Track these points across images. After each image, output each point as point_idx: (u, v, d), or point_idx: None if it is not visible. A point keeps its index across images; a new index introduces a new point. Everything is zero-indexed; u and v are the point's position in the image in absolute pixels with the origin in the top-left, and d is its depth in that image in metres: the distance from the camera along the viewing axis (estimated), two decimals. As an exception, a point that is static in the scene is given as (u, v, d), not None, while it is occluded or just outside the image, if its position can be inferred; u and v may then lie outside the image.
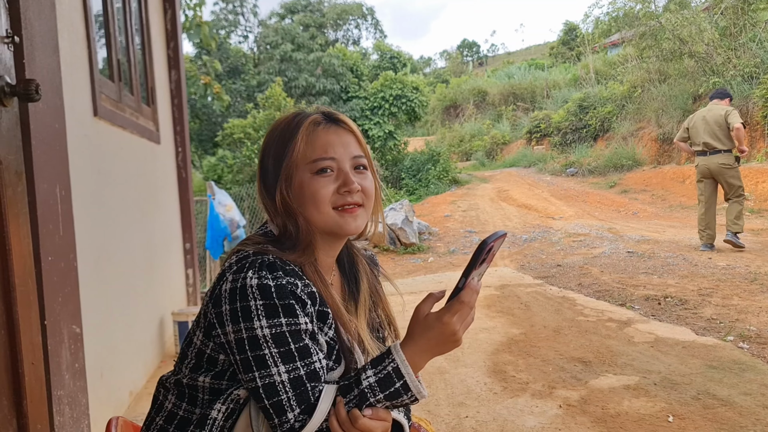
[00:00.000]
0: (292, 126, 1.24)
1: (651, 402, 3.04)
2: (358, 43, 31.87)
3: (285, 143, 1.23)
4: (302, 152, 1.21)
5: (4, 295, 1.58)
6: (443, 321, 1.12)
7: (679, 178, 14.06)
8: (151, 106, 4.29)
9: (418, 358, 1.13)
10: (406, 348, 1.13)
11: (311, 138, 1.22)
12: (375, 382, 1.11)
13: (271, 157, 1.25)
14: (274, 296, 1.09)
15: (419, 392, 1.12)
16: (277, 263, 1.13)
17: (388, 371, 1.11)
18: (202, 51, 20.86)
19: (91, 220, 2.71)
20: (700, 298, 5.14)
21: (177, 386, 1.23)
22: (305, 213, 1.21)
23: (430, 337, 1.13)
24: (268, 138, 1.27)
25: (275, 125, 1.27)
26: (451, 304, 1.13)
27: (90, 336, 2.44)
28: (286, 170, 1.22)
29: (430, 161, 19.00)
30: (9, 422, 1.58)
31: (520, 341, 4.23)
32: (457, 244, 9.92)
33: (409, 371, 1.11)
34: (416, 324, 1.15)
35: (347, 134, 1.26)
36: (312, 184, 1.20)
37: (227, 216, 6.58)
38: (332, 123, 1.26)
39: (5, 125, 1.64)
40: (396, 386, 1.11)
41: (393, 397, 1.11)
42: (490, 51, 62.18)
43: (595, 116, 19.68)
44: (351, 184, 1.21)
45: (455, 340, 1.13)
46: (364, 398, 1.10)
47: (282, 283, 1.10)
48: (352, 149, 1.25)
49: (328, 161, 1.21)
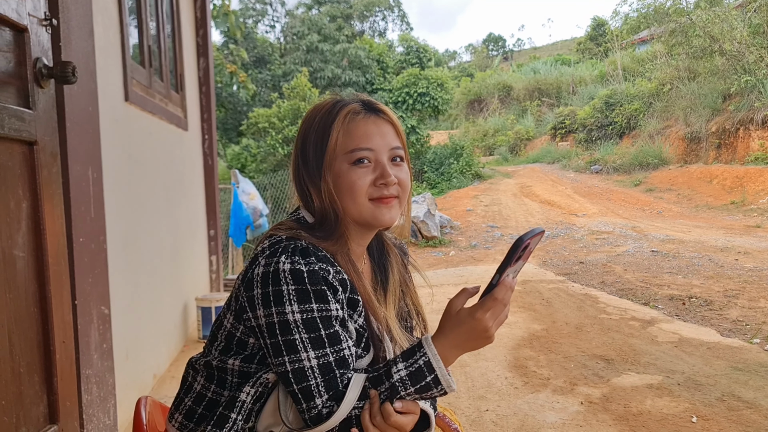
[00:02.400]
0: (332, 114, 1.22)
1: (674, 402, 3.01)
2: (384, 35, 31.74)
3: (323, 131, 1.21)
4: (340, 142, 1.20)
5: (37, 273, 1.61)
6: (476, 317, 1.11)
7: (706, 177, 13.86)
8: (180, 92, 4.32)
9: (448, 353, 1.12)
10: (437, 342, 1.13)
11: (350, 127, 1.21)
12: (406, 376, 1.10)
13: (309, 144, 1.23)
14: (307, 282, 1.09)
15: (449, 386, 1.11)
16: (309, 249, 1.13)
17: (419, 365, 1.10)
18: (229, 40, 20.95)
19: (120, 204, 2.75)
20: (725, 300, 5.06)
21: (206, 368, 1.24)
22: (341, 203, 1.20)
23: (461, 332, 1.12)
24: (306, 124, 1.26)
25: (313, 112, 1.26)
26: (484, 301, 1.11)
27: (117, 318, 2.47)
28: (324, 159, 1.21)
29: (453, 155, 18.92)
30: (40, 398, 1.61)
31: (541, 337, 4.21)
32: (478, 238, 9.89)
33: (440, 365, 1.10)
34: (448, 318, 1.14)
35: (386, 124, 1.24)
36: (349, 174, 1.19)
37: (250, 204, 6.63)
38: (371, 112, 1.24)
39: (42, 107, 1.66)
40: (427, 380, 1.10)
41: (423, 390, 1.11)
42: (516, 46, 61.62)
43: (622, 113, 19.43)
44: (388, 176, 1.20)
45: (487, 336, 1.12)
46: (395, 391, 1.10)
47: (314, 269, 1.10)
48: (390, 140, 1.23)
49: (365, 152, 1.20)
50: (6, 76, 1.51)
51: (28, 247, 1.57)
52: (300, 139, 1.26)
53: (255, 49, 22.96)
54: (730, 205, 11.94)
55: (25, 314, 1.55)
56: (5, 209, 1.46)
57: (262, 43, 23.80)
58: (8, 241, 1.47)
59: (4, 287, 1.43)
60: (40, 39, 1.66)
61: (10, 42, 1.54)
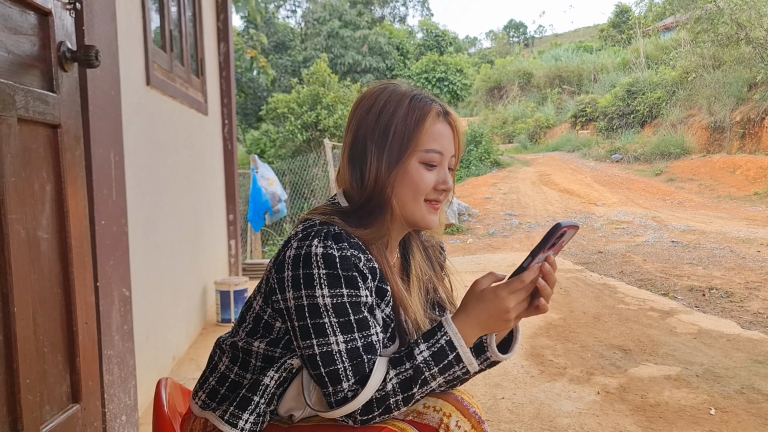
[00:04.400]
0: (424, 111, 1.21)
1: (693, 393, 2.99)
2: (405, 21, 31.58)
3: (416, 125, 1.20)
4: (421, 138, 1.20)
5: (61, 255, 1.63)
6: (498, 295, 1.12)
7: (729, 168, 13.65)
8: (200, 77, 4.33)
9: (468, 331, 1.13)
10: (457, 320, 1.14)
11: (435, 128, 1.22)
12: (429, 356, 1.11)
13: (391, 132, 1.20)
14: (338, 266, 1.10)
15: (471, 363, 1.13)
16: (342, 234, 1.14)
17: (441, 344, 1.12)
18: (249, 25, 20.96)
19: (141, 188, 2.77)
20: (746, 292, 5.01)
21: (232, 349, 1.26)
22: (400, 196, 1.20)
23: (482, 309, 1.13)
24: (372, 110, 1.23)
25: (393, 97, 1.23)
26: (510, 281, 1.12)
27: (138, 300, 2.50)
28: (407, 150, 1.20)
29: (472, 142, 18.80)
30: (63, 378, 1.64)
31: (558, 326, 4.19)
32: (496, 226, 9.85)
33: (461, 343, 1.12)
34: (471, 295, 1.16)
35: (454, 132, 1.26)
36: (419, 172, 1.20)
37: (269, 190, 6.66)
38: (446, 116, 1.25)
39: (65, 90, 1.68)
40: (449, 358, 1.12)
41: (446, 369, 1.12)
42: (537, 32, 60.95)
43: (644, 102, 19.16)
44: (448, 183, 1.23)
45: (507, 318, 1.13)
46: (419, 372, 1.11)
47: (346, 255, 1.11)
48: (453, 148, 1.25)
49: (437, 155, 1.22)
50: (30, 59, 1.53)
51: (52, 229, 1.59)
52: (360, 122, 1.24)
53: (275, 34, 22.97)
54: (754, 196, 11.76)
55: (49, 295, 1.57)
56: (30, 191, 1.48)
57: (282, 28, 23.80)
58: (33, 222, 1.49)
59: (28, 267, 1.45)
60: (63, 23, 1.67)
61: (35, 25, 1.55)
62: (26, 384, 1.41)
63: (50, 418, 1.55)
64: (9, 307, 1.37)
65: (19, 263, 1.40)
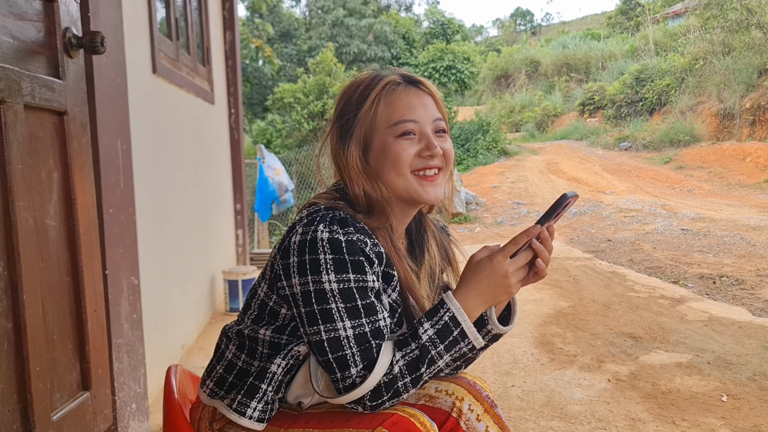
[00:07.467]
0: (370, 87, 1.21)
1: (704, 380, 2.97)
2: (410, 9, 31.43)
3: (363, 105, 1.20)
4: (383, 115, 1.18)
5: (69, 243, 1.63)
6: (495, 260, 1.11)
7: (739, 155, 13.54)
8: (206, 66, 4.31)
9: (471, 304, 1.12)
10: (458, 295, 1.13)
11: (391, 100, 1.19)
12: (434, 334, 1.10)
13: (348, 118, 1.21)
14: (345, 251, 1.08)
15: (476, 338, 1.12)
16: (348, 219, 1.12)
17: (445, 321, 1.11)
18: (254, 14, 20.91)
19: (149, 176, 2.76)
20: (758, 279, 4.97)
21: (238, 336, 1.25)
22: (385, 176, 1.19)
23: (480, 278, 1.12)
24: (345, 98, 1.24)
25: (352, 87, 1.24)
26: (504, 246, 1.13)
27: (146, 288, 2.50)
28: (365, 132, 1.19)
29: (480, 131, 18.72)
30: (73, 366, 1.64)
31: (568, 314, 4.17)
32: (504, 215, 9.82)
33: (465, 318, 1.11)
34: (469, 268, 1.15)
35: (427, 96, 1.23)
36: (394, 146, 1.17)
37: (276, 179, 6.65)
38: (411, 85, 1.22)
39: (72, 77, 1.67)
40: (454, 334, 1.11)
41: (452, 345, 1.11)
42: (544, 20, 60.57)
43: (653, 89, 19.02)
44: (434, 147, 1.18)
45: (507, 284, 1.12)
46: (426, 351, 1.10)
47: (352, 239, 1.09)
48: (432, 111, 1.21)
49: (410, 124, 1.18)
50: (36, 45, 1.51)
51: (60, 217, 1.58)
52: (337, 113, 1.24)
53: (280, 23, 22.90)
54: (764, 183, 11.67)
55: (58, 283, 1.57)
56: (37, 179, 1.47)
57: (287, 17, 23.72)
58: (40, 210, 1.48)
59: (37, 256, 1.44)
60: (69, 9, 1.66)
61: (40, 12, 1.54)
62: (36, 371, 1.41)
63: (60, 405, 1.55)
64: (18, 295, 1.36)
65: (28, 251, 1.39)
